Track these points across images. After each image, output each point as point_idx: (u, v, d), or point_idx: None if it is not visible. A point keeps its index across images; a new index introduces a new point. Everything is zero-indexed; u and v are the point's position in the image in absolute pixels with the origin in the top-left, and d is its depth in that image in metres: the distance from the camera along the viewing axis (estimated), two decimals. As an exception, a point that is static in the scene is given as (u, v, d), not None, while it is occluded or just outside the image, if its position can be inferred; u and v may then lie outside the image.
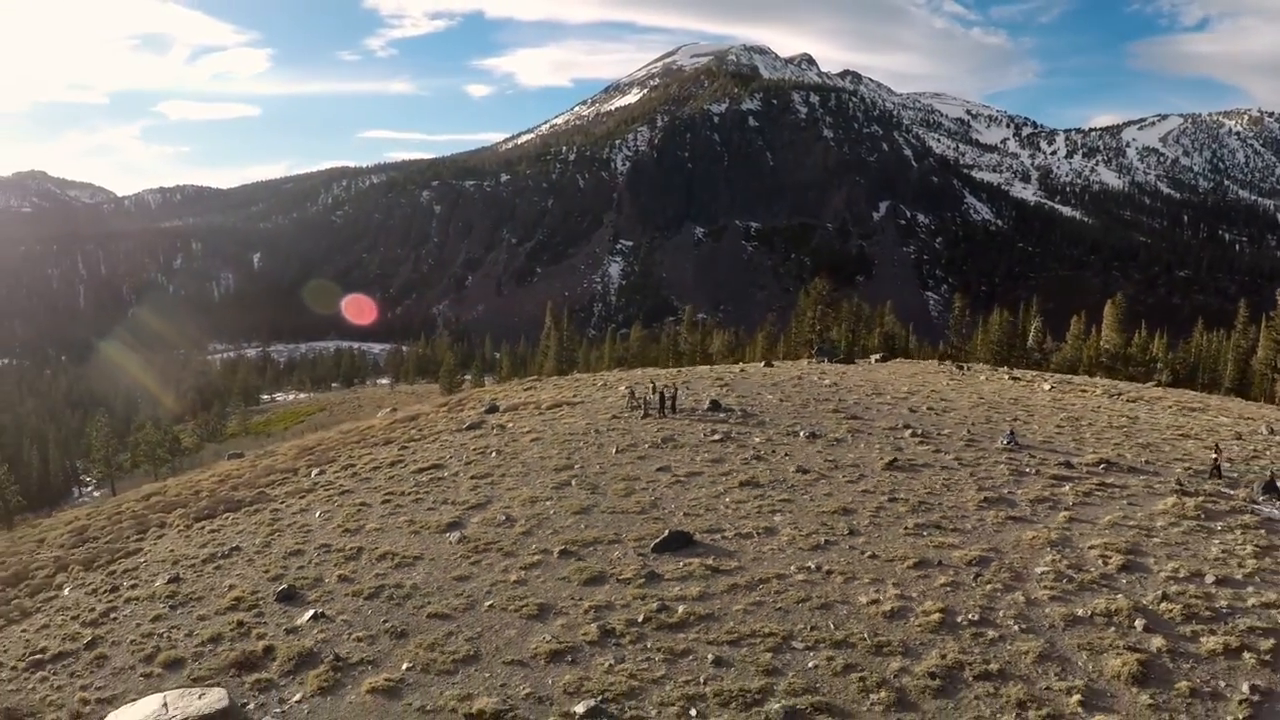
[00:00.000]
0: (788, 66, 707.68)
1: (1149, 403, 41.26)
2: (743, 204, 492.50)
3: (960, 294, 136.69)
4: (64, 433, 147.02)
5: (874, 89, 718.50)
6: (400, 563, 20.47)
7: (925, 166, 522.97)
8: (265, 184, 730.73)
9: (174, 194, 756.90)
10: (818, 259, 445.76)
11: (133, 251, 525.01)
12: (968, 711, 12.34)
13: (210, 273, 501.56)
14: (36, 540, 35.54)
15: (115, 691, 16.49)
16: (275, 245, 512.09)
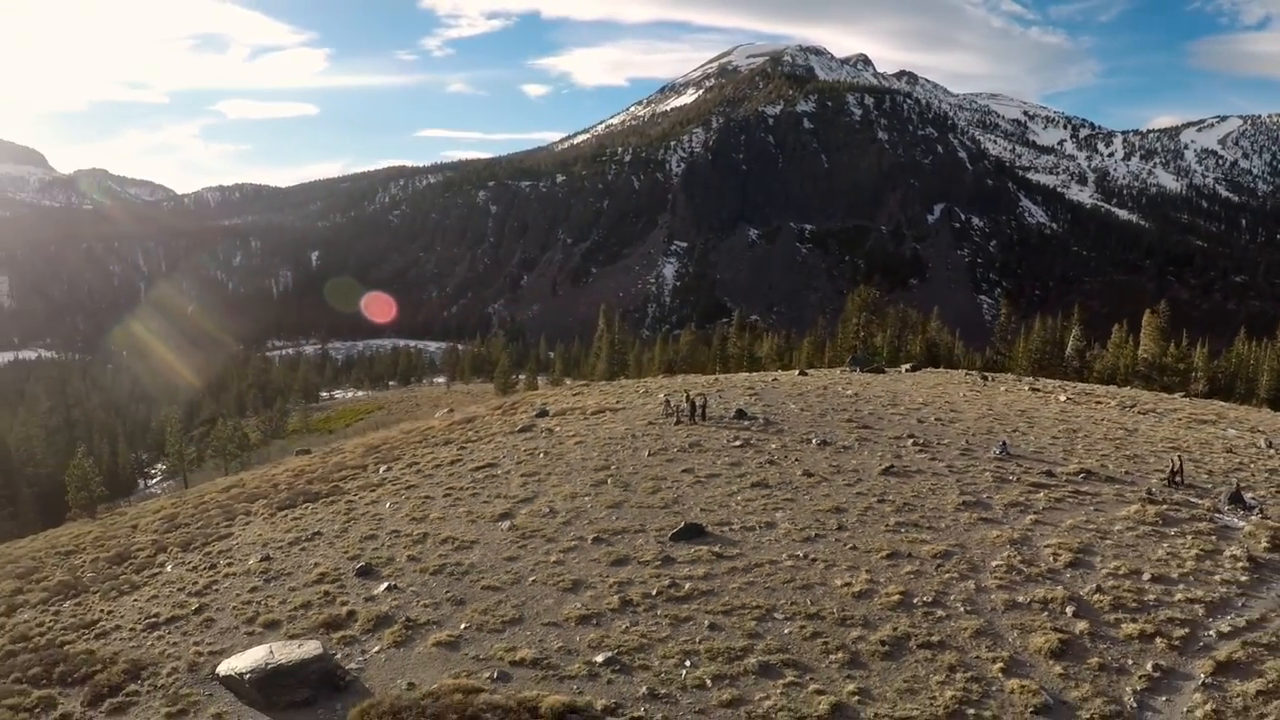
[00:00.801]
0: (843, 67, 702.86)
1: (1160, 415, 43.23)
2: (797, 206, 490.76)
3: (1006, 301, 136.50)
4: (129, 426, 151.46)
5: (930, 90, 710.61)
6: (459, 546, 24.07)
7: (980, 169, 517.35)
8: (323, 183, 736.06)
9: (233, 192, 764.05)
10: (871, 262, 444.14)
11: (192, 249, 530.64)
12: (907, 671, 15.41)
13: (269, 270, 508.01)
14: (130, 526, 39.23)
15: (223, 646, 19.94)
16: (333, 244, 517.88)
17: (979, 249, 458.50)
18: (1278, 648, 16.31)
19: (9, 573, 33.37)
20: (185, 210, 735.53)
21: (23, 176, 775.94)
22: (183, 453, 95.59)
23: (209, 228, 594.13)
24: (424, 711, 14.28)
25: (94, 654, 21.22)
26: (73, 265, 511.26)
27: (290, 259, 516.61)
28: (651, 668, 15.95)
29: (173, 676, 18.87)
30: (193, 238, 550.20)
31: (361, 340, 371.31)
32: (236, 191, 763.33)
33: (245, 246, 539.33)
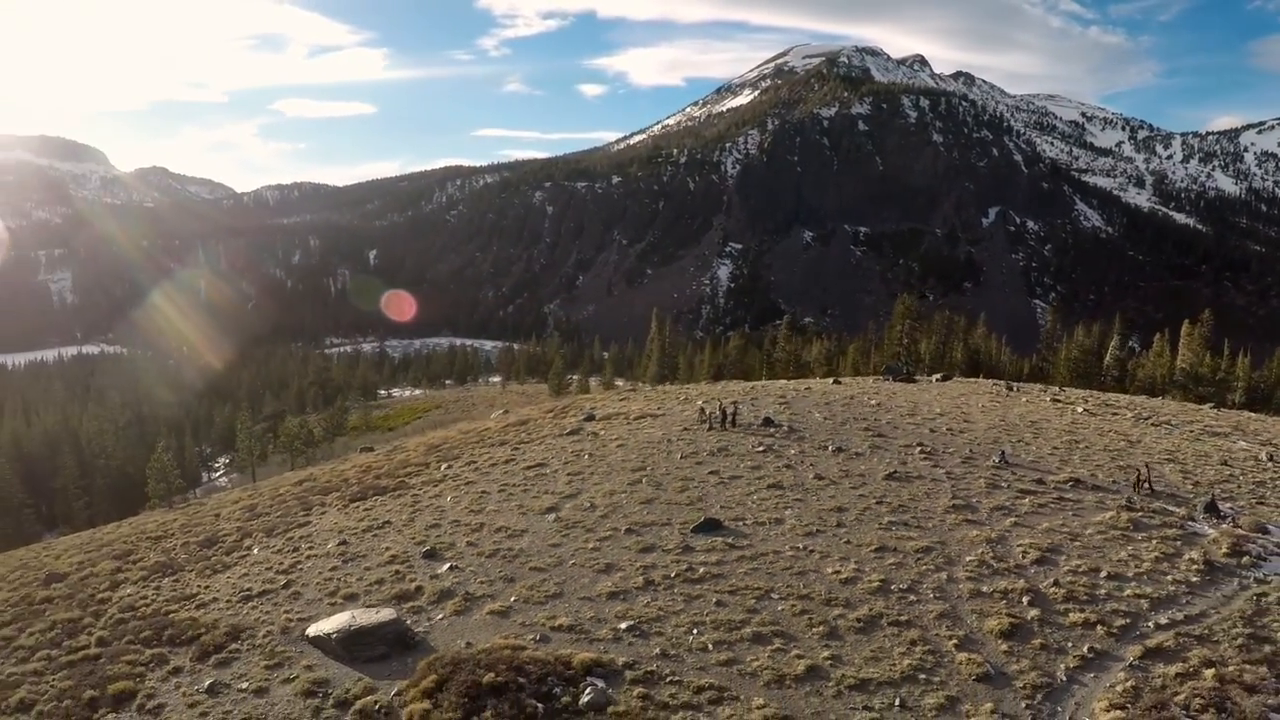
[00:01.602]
0: (899, 68, 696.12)
1: (1174, 427, 45.23)
2: (851, 208, 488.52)
3: (1053, 309, 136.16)
4: (193, 420, 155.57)
5: (987, 91, 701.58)
6: (511, 534, 27.51)
7: (1036, 172, 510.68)
8: (381, 182, 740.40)
9: (291, 190, 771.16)
10: (926, 265, 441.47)
11: (252, 247, 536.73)
12: (875, 643, 18.41)
13: (327, 269, 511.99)
14: (213, 514, 43.01)
15: (310, 614, 23.43)
16: (390, 243, 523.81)
17: (1034, 253, 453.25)
18: (1206, 639, 18.78)
19: (107, 554, 37.24)
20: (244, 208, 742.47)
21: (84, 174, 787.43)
22: (252, 449, 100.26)
23: (268, 226, 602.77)
24: (479, 663, 17.68)
25: (197, 620, 24.73)
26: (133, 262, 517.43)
27: (348, 257, 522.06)
28: (665, 634, 19.18)
29: (268, 638, 22.23)
30: (252, 236, 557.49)
31: (418, 339, 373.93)
32: (295, 190, 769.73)
33: (304, 245, 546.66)
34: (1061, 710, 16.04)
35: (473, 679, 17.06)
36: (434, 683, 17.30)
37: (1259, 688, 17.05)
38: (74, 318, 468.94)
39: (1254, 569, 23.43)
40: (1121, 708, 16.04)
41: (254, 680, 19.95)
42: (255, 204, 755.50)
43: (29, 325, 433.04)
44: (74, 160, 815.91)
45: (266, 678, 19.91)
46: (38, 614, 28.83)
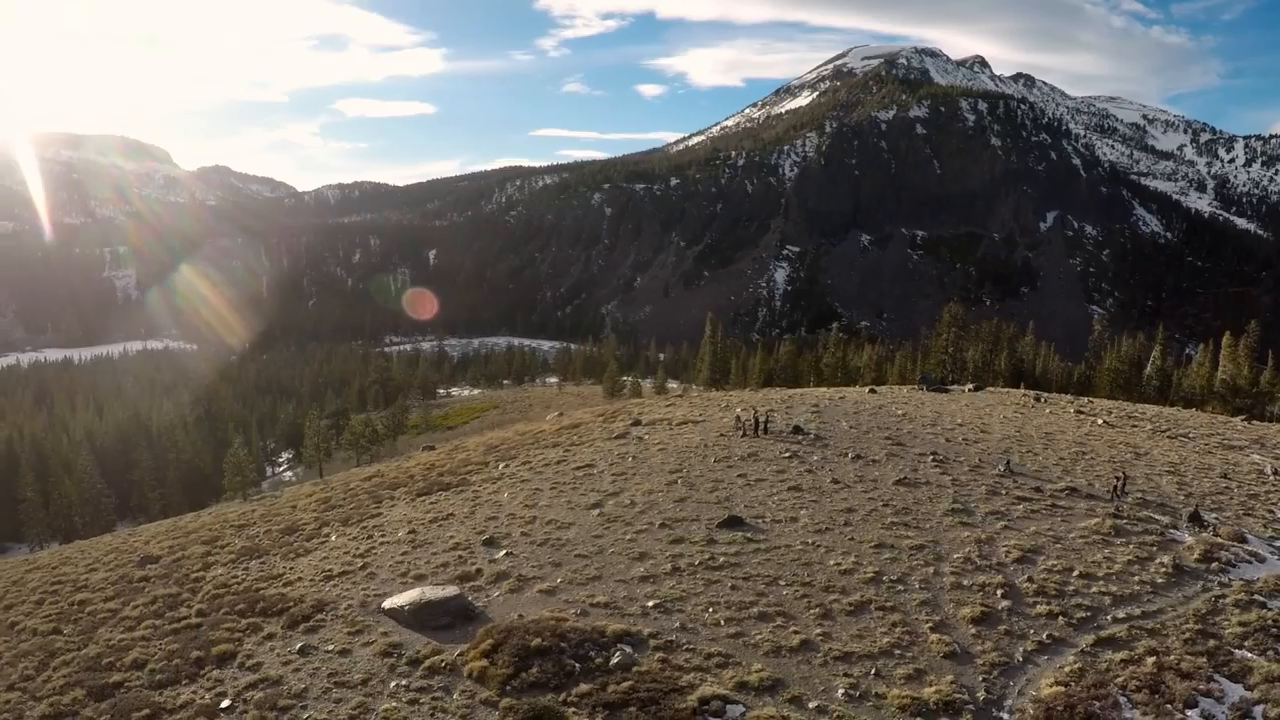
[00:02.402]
0: (959, 69, 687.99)
1: (1191, 440, 47.07)
2: (909, 212, 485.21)
3: (1100, 319, 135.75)
4: (256, 416, 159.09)
5: (1047, 93, 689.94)
6: (559, 526, 30.89)
7: (1094, 176, 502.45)
8: (440, 182, 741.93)
9: (352, 190, 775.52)
10: (983, 270, 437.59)
11: (313, 246, 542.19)
12: (862, 623, 21.46)
13: (387, 268, 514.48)
14: (289, 506, 46.47)
15: (385, 591, 26.96)
16: (450, 242, 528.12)
17: (1091, 258, 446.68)
18: (1156, 632, 21.39)
19: (195, 540, 41.01)
20: (305, 207, 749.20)
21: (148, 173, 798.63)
22: (320, 445, 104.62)
23: (328, 225, 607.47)
24: (528, 631, 21.13)
25: (285, 595, 28.30)
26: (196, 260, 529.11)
27: (408, 257, 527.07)
28: (685, 611, 22.44)
29: (349, 610, 25.68)
30: (313, 235, 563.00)
31: (477, 338, 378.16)
32: (356, 190, 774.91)
33: (365, 244, 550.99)
34: (1013, 685, 18.91)
35: (523, 643, 20.52)
36: (490, 645, 20.78)
37: (1193, 675, 19.64)
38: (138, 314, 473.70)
39: (1222, 574, 25.68)
40: (1064, 685, 18.87)
41: (338, 644, 23.05)
42: (316, 203, 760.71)
43: (95, 321, 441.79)
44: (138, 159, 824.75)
45: (349, 642, 23.09)
46: (138, 590, 32.33)
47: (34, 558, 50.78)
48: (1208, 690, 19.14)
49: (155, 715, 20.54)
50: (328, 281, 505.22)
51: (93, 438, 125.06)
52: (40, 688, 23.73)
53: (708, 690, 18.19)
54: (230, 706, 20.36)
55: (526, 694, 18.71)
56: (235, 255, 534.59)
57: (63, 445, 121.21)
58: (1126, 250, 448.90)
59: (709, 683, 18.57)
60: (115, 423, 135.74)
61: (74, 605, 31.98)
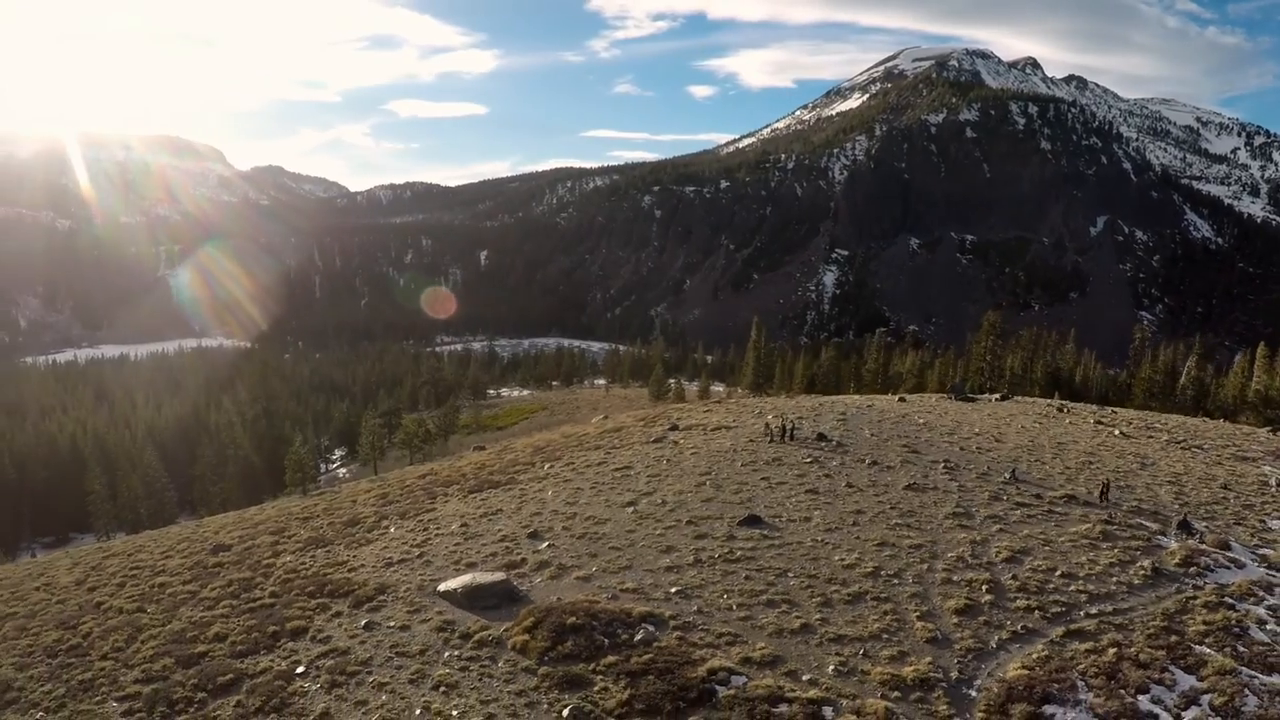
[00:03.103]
0: (1010, 71, 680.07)
1: (1204, 450, 48.52)
2: (958, 216, 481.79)
3: (1139, 327, 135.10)
4: (311, 414, 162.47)
5: (1099, 95, 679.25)
6: (597, 521, 33.84)
7: (1145, 180, 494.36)
8: (492, 182, 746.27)
9: (404, 190, 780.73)
10: (1032, 274, 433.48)
11: (366, 245, 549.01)
12: (858, 611, 24.08)
13: (439, 268, 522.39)
14: (349, 500, 49.68)
15: (440, 576, 29.95)
16: (501, 243, 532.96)
17: (1141, 263, 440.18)
18: (1124, 627, 23.48)
19: (263, 530, 44.25)
20: (357, 207, 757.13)
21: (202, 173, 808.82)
22: (375, 444, 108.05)
23: (381, 225, 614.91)
24: (565, 611, 24.17)
25: (350, 579, 31.42)
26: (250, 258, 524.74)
27: (460, 258, 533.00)
28: (703, 597, 25.25)
29: (407, 592, 28.68)
30: (365, 235, 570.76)
31: (527, 338, 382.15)
32: (408, 190, 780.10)
33: (417, 244, 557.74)
34: (984, 668, 21.39)
35: (559, 621, 23.57)
36: (531, 623, 23.84)
37: (1150, 665, 21.87)
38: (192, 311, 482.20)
39: (1198, 577, 27.53)
40: (1029, 669, 21.34)
41: (399, 621, 25.90)
42: (368, 203, 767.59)
43: (149, 319, 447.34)
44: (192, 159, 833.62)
45: (408, 619, 26.03)
46: (213, 575, 35.11)
47: (108, 545, 54.22)
48: (1160, 679, 21.11)
49: (238, 679, 23.38)
50: (380, 281, 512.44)
51: (153, 433, 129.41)
52: (131, 657, 26.38)
53: (716, 663, 21.02)
54: (304, 672, 23.22)
55: (561, 663, 21.69)
56: (288, 255, 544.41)
57: (125, 440, 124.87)
58: (1177, 255, 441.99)
59: (718, 657, 21.38)
60: (175, 419, 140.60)
61: (155, 587, 34.93)
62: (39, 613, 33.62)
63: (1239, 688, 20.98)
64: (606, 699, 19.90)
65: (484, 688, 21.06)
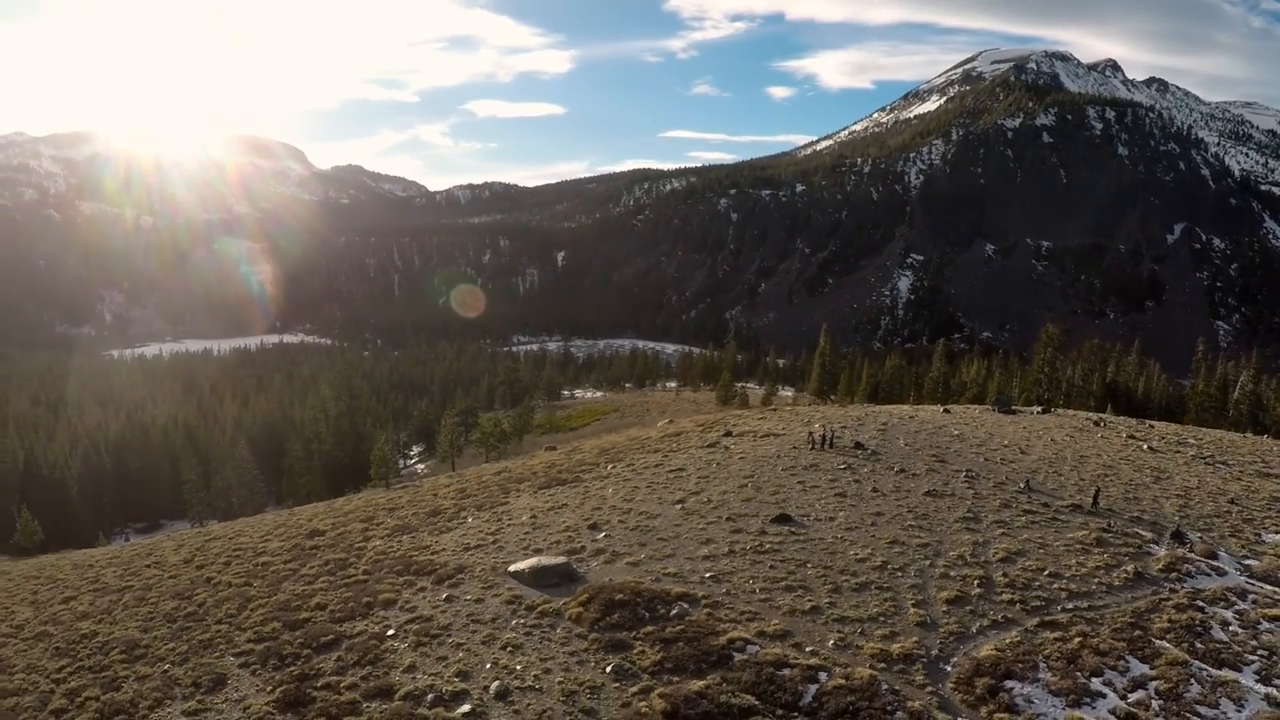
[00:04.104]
0: (1090, 74, 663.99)
1: (1228, 466, 50.50)
2: (1034, 222, 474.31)
3: (1203, 341, 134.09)
4: (390, 411, 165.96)
5: (1180, 98, 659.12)
6: (648, 516, 37.98)
7: (1224, 187, 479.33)
8: (569, 183, 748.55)
9: (482, 190, 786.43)
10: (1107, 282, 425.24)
11: (444, 245, 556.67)
12: (862, 597, 27.70)
13: (516, 269, 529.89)
14: (431, 494, 54.10)
15: (510, 559, 34.20)
16: (579, 244, 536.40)
17: (1219, 272, 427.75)
18: (1094, 621, 26.23)
19: (354, 518, 48.81)
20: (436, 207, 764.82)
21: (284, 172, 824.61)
22: (453, 442, 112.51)
23: (459, 225, 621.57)
24: (614, 589, 28.49)
25: (432, 560, 35.85)
26: (330, 257, 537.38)
27: (537, 258, 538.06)
28: (732, 582, 29.20)
29: (482, 572, 32.87)
30: (444, 234, 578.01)
31: (602, 339, 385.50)
32: (486, 190, 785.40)
33: (494, 244, 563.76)
34: (961, 648, 24.86)
35: (609, 597, 27.93)
36: (586, 598, 28.23)
37: (1108, 653, 24.97)
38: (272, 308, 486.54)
39: (1178, 582, 29.91)
40: (1000, 651, 24.79)
41: (474, 595, 29.52)
42: (447, 203, 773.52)
43: (231, 314, 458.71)
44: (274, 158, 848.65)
45: (482, 594, 30.13)
46: (310, 555, 38.95)
47: (207, 530, 59.34)
48: (1115, 665, 23.95)
49: (338, 640, 27.58)
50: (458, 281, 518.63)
51: (240, 427, 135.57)
52: (243, 622, 30.20)
53: (735, 635, 25.07)
54: (394, 634, 27.39)
55: (608, 631, 25.96)
56: (368, 253, 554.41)
57: (215, 433, 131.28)
58: (1255, 264, 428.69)
59: (738, 630, 25.37)
60: (261, 413, 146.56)
61: (258, 565, 38.84)
62: (154, 586, 38.29)
63: (1186, 678, 23.59)
64: (643, 659, 24.14)
65: (543, 649, 25.35)
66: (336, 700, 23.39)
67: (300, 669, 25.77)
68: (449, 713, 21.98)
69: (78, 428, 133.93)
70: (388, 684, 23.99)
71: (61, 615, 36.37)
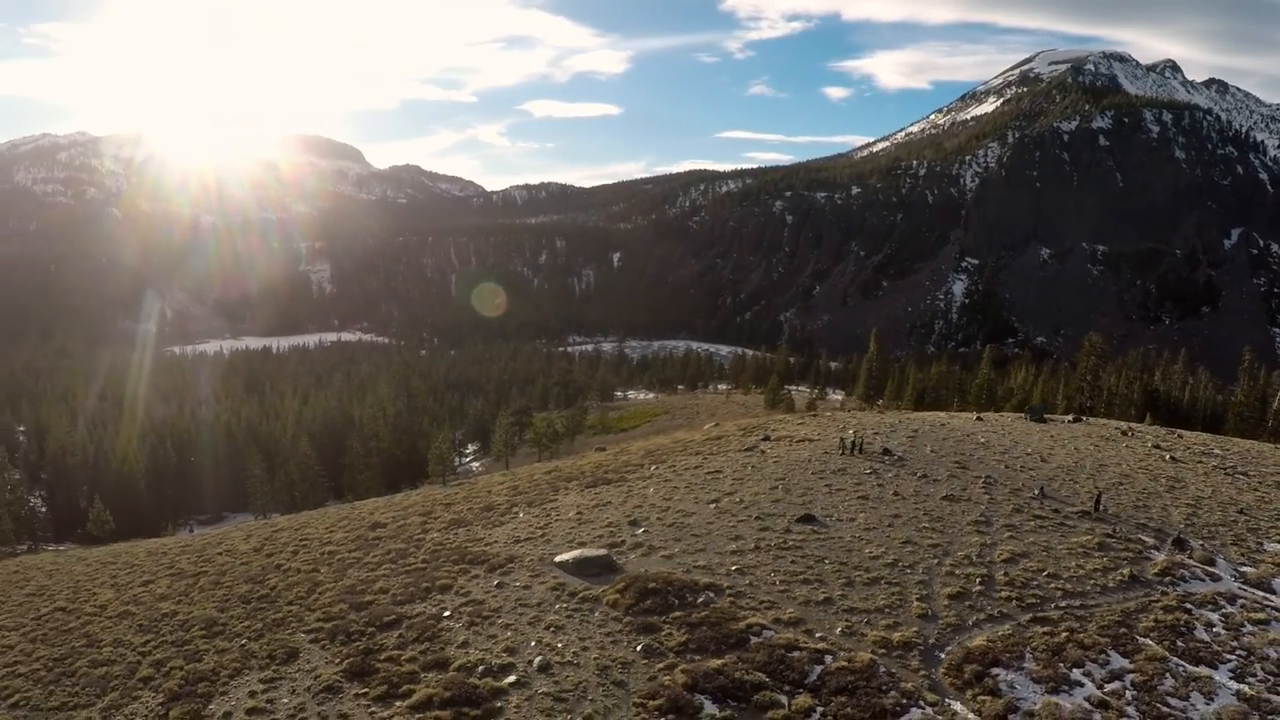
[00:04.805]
0: (1149, 75, 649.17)
1: (1239, 478, 50.51)
2: (1089, 226, 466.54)
3: (1249, 349, 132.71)
4: (447, 409, 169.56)
5: (1240, 99, 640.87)
6: (684, 514, 40.87)
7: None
8: (625, 184, 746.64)
9: (539, 191, 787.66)
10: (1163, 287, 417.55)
11: (501, 245, 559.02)
12: (872, 590, 30.21)
13: (572, 269, 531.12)
14: (485, 490, 57.50)
15: (556, 551, 37.14)
16: (634, 245, 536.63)
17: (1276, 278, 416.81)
18: (1084, 618, 28.05)
19: (413, 512, 52.28)
20: (493, 207, 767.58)
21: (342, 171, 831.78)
22: (508, 442, 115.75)
23: (516, 225, 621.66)
24: (649, 579, 31.51)
25: (486, 551, 39.14)
26: (387, 256, 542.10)
27: (593, 259, 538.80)
28: (755, 574, 31.97)
29: (530, 562, 35.94)
30: (501, 234, 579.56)
31: (656, 340, 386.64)
32: (543, 190, 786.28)
33: (551, 245, 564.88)
34: (957, 639, 27.25)
35: (643, 586, 30.96)
36: (623, 586, 31.29)
37: (1092, 647, 27.11)
38: (331, 307, 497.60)
39: (1171, 586, 31.46)
40: (991, 642, 27.08)
41: (523, 582, 32.28)
42: (504, 203, 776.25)
43: (291, 312, 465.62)
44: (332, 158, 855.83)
45: (530, 581, 32.88)
46: (373, 545, 41.98)
47: (273, 522, 63.51)
48: (1096, 659, 25.93)
49: (399, 619, 30.83)
50: (514, 281, 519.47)
51: (301, 424, 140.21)
52: (312, 603, 33.43)
53: (753, 621, 27.90)
54: (450, 615, 30.61)
55: (640, 615, 28.94)
56: (425, 252, 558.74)
57: (277, 430, 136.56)
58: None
59: (756, 617, 28.15)
60: (321, 411, 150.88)
61: (325, 554, 41.90)
62: (227, 571, 42.10)
63: (1162, 672, 25.55)
64: (669, 640, 27.13)
65: (582, 630, 28.42)
66: (397, 671, 26.77)
67: (365, 644, 29.15)
68: (497, 682, 25.17)
69: (144, 423, 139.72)
70: (443, 657, 27.29)
71: (142, 597, 40.33)
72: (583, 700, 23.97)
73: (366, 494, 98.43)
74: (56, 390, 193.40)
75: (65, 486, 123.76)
